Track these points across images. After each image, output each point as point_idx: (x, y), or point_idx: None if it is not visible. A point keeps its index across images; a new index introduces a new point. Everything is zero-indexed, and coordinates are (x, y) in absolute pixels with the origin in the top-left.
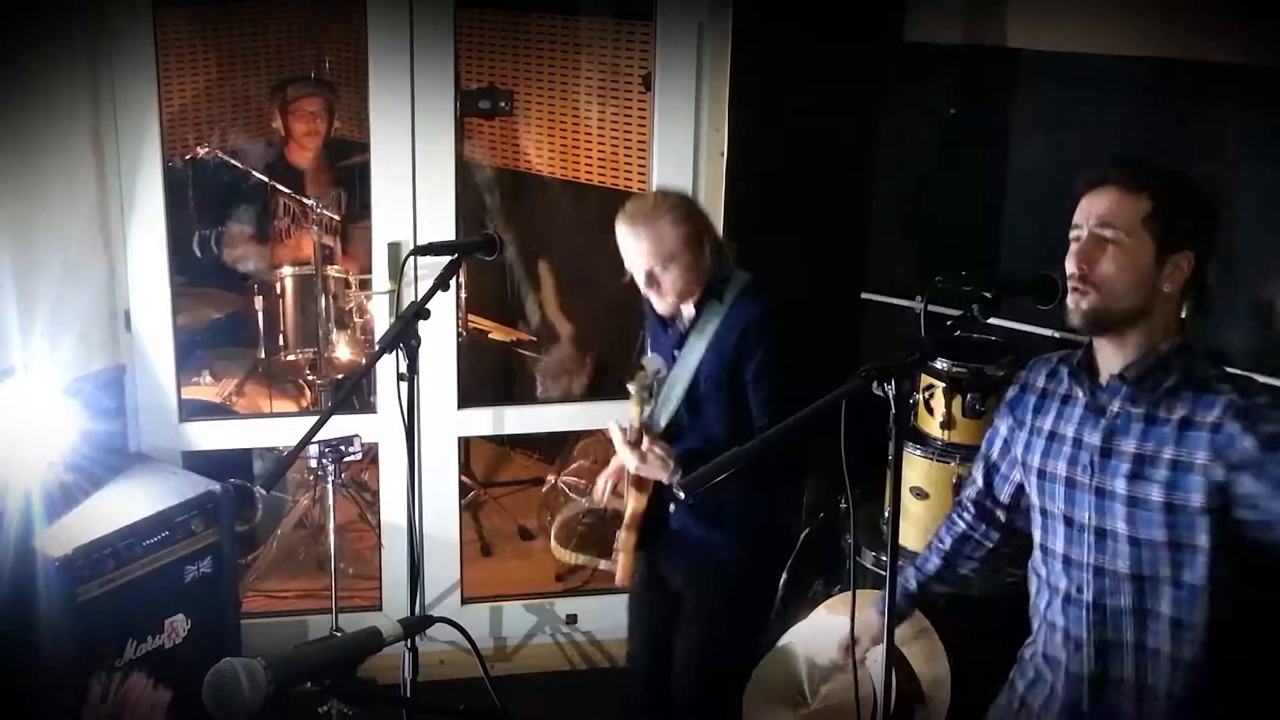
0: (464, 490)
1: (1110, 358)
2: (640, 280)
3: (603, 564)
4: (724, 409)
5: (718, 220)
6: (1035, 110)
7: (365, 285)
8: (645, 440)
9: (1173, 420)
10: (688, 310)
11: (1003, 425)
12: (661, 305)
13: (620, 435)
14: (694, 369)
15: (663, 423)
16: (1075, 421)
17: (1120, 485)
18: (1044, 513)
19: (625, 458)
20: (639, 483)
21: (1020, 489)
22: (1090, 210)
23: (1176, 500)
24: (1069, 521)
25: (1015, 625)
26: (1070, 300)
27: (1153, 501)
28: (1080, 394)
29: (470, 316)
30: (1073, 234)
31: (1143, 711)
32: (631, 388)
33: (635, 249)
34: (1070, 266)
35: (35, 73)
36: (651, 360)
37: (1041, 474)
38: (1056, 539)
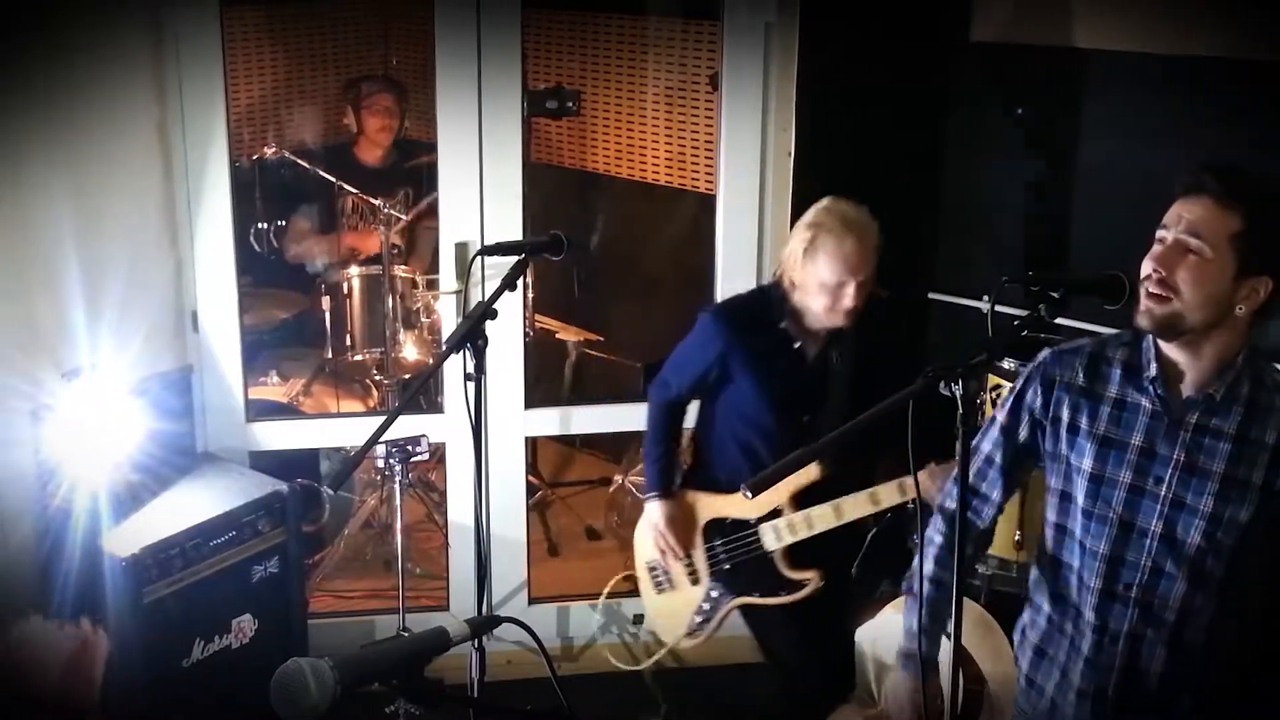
0: (531, 490)
1: (1185, 368)
2: (826, 289)
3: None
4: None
5: (786, 220)
6: (1103, 110)
7: (432, 285)
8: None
9: (1266, 444)
10: (827, 331)
11: (1021, 428)
12: (841, 317)
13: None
14: (851, 379)
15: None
16: (1142, 431)
17: (1207, 504)
18: (1088, 514)
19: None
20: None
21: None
22: (1181, 215)
23: (1263, 517)
24: (1128, 525)
25: None
26: (1143, 302)
27: (1239, 521)
28: (1144, 402)
29: (537, 316)
30: (1159, 234)
31: (1171, 696)
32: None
33: (860, 253)
34: (1147, 267)
35: (101, 71)
36: None
37: (1096, 478)
38: (1103, 540)
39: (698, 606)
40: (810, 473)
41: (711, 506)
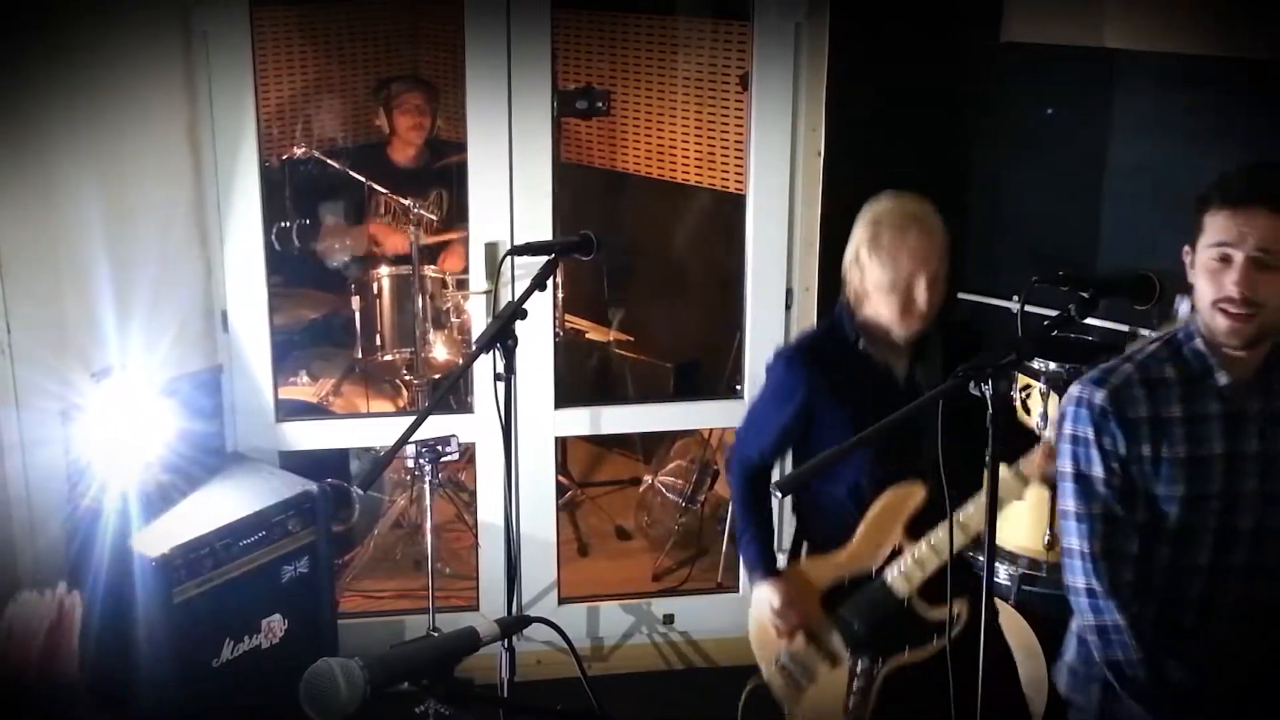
0: (561, 490)
1: (1245, 366)
2: (894, 291)
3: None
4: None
5: (815, 220)
6: (1132, 110)
7: (462, 285)
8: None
9: None
10: (909, 340)
11: (1116, 477)
12: (917, 321)
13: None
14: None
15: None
16: (1220, 439)
17: None
18: (1184, 536)
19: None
20: None
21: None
22: (1244, 232)
23: None
24: (1224, 533)
25: None
26: (1228, 323)
27: None
28: (1213, 409)
29: (567, 316)
30: (1223, 251)
31: (1263, 679)
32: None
33: (926, 246)
34: (1226, 289)
35: (131, 71)
36: None
37: (1189, 500)
38: (1203, 552)
39: (848, 687)
40: (916, 498)
41: (823, 570)
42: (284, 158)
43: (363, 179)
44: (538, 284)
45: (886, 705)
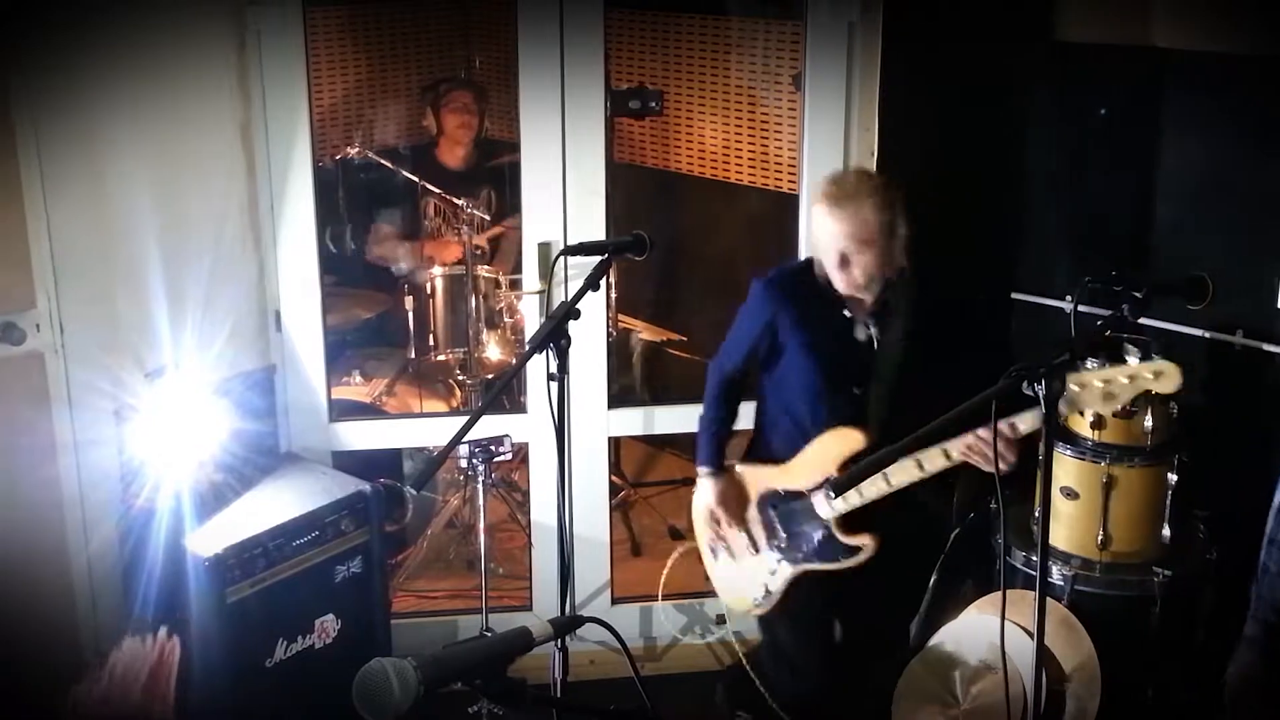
0: (614, 490)
1: None
2: (830, 261)
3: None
4: (931, 381)
5: None
6: (1186, 110)
7: (515, 285)
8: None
9: None
10: (867, 300)
11: None
12: (845, 285)
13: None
14: (901, 352)
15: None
16: None
17: None
18: None
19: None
20: None
21: None
22: None
23: None
24: None
25: (1166, 626)
26: None
27: None
28: None
29: (620, 316)
30: None
31: None
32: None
33: (833, 230)
34: None
35: (185, 71)
36: None
37: None
38: None
39: (762, 576)
40: (856, 441)
41: (765, 479)
42: (337, 158)
43: (416, 179)
44: (591, 284)
45: (790, 599)
